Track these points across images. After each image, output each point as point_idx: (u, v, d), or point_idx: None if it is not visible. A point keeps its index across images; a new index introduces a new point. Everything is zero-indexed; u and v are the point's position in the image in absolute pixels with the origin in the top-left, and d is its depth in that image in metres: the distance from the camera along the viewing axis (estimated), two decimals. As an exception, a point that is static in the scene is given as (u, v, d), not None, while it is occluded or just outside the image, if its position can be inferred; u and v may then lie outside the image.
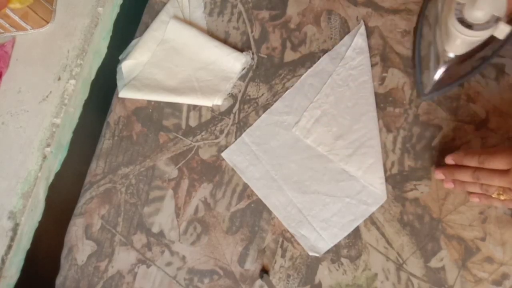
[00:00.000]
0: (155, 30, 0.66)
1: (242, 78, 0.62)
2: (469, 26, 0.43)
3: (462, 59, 0.49)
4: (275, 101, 0.60)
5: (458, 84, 0.54)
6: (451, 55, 0.49)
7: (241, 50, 0.63)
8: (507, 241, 0.50)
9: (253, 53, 0.63)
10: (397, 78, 0.57)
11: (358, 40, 0.59)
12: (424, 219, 0.52)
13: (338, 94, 0.58)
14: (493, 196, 0.46)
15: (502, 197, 0.45)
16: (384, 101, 0.57)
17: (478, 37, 0.44)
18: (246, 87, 0.62)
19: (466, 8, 0.43)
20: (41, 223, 0.58)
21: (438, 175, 0.52)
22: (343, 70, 0.59)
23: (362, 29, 0.59)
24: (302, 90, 0.60)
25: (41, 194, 0.58)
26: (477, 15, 0.43)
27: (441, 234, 0.51)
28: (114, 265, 0.59)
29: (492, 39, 0.46)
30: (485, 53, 0.51)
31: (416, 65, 0.56)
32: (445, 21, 0.47)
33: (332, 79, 0.59)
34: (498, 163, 0.44)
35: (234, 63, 0.62)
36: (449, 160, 0.50)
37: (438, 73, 0.51)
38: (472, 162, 0.47)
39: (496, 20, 0.42)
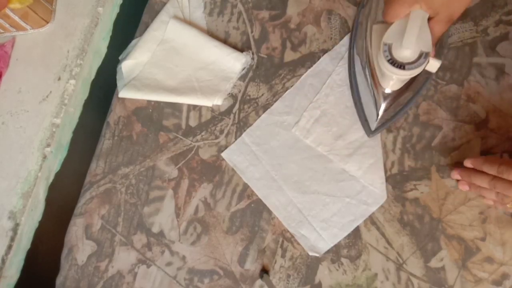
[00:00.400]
0: (155, 30, 0.66)
1: (242, 78, 0.62)
2: (400, 66, 0.43)
3: (400, 91, 0.50)
4: (275, 101, 0.60)
5: (403, 113, 0.55)
6: (388, 91, 0.50)
7: (241, 50, 0.63)
8: (507, 241, 0.50)
9: (253, 53, 0.63)
10: (397, 78, 0.57)
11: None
12: (424, 219, 0.52)
13: (338, 94, 0.58)
14: (508, 206, 0.46)
15: None
16: (384, 101, 0.57)
17: (411, 75, 0.44)
18: (246, 87, 0.62)
19: (394, 48, 0.43)
20: (41, 223, 0.58)
21: (455, 175, 0.51)
22: (342, 70, 0.59)
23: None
24: (302, 90, 0.60)
25: (41, 194, 0.58)
26: (405, 54, 0.43)
27: (441, 234, 0.51)
28: (114, 265, 0.59)
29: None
30: (421, 81, 0.52)
31: (356, 103, 0.56)
32: (377, 61, 0.47)
33: (332, 79, 0.59)
34: None
35: (234, 63, 0.62)
36: (468, 163, 0.50)
37: (381, 110, 0.51)
38: (491, 170, 0.46)
39: (426, 55, 0.42)
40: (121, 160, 0.63)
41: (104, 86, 0.66)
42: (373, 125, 0.54)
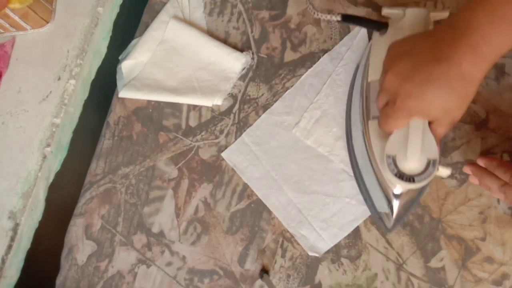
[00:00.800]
0: (155, 30, 0.66)
1: (242, 78, 0.62)
2: (409, 179, 0.39)
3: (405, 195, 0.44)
4: (275, 101, 0.60)
5: (417, 205, 0.52)
6: (398, 191, 0.44)
7: (241, 50, 0.63)
8: (507, 241, 0.50)
9: (253, 53, 0.63)
10: (397, 78, 0.57)
11: (359, 41, 0.59)
12: (424, 219, 0.52)
13: (338, 95, 0.58)
14: None
15: None
16: (384, 101, 0.57)
17: (422, 185, 0.39)
18: (246, 87, 0.62)
19: (399, 160, 0.39)
20: (41, 223, 0.58)
21: (467, 170, 0.50)
22: (342, 71, 0.59)
23: (363, 30, 0.59)
24: (302, 90, 0.60)
25: (41, 194, 0.58)
26: (412, 166, 0.39)
27: (441, 234, 0.51)
28: (114, 265, 0.59)
29: None
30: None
31: (366, 201, 0.52)
32: (382, 176, 0.43)
33: (332, 79, 0.59)
34: None
35: (234, 63, 0.62)
36: (481, 162, 0.49)
37: (395, 211, 0.45)
38: (504, 176, 0.45)
39: (434, 163, 0.39)
40: (121, 160, 0.63)
41: (104, 86, 0.66)
42: (389, 224, 0.48)
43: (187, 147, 0.61)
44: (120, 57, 0.68)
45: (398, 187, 0.42)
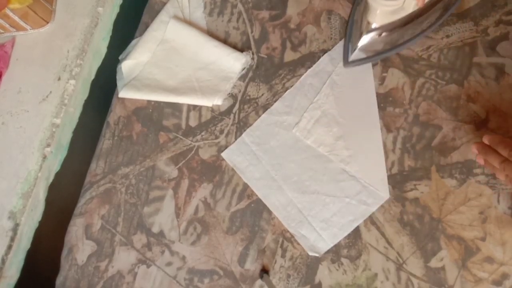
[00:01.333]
0: (155, 30, 0.66)
1: (242, 78, 0.62)
2: None
3: (382, 31, 0.53)
4: (275, 101, 0.60)
5: (379, 59, 0.57)
6: (373, 26, 0.52)
7: (241, 50, 0.63)
8: (507, 241, 0.50)
9: (253, 53, 0.63)
10: (397, 78, 0.57)
11: None
12: (424, 219, 0.52)
13: (338, 94, 0.58)
14: None
15: None
16: (384, 101, 0.57)
17: (392, 6, 0.47)
18: (246, 87, 0.62)
19: None
20: (41, 223, 0.58)
21: (474, 149, 0.51)
22: (342, 71, 0.59)
23: None
24: (302, 90, 0.60)
25: (41, 194, 0.58)
26: None
27: (441, 234, 0.51)
28: (114, 265, 0.59)
29: (411, 18, 0.51)
30: (404, 32, 0.54)
31: (346, 33, 0.59)
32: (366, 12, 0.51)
33: (332, 79, 0.59)
34: None
35: (234, 63, 0.62)
36: (485, 140, 0.50)
37: (361, 42, 0.54)
38: (504, 152, 0.47)
39: None
40: (121, 160, 0.63)
41: (104, 86, 0.66)
42: (350, 57, 0.56)
43: (187, 147, 0.61)
44: (120, 57, 0.68)
45: (373, 9, 0.49)
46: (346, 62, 0.57)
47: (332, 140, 0.57)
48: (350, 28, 0.58)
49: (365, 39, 0.53)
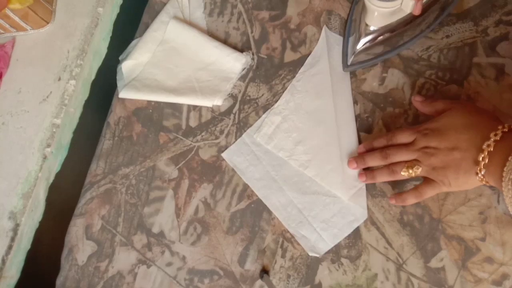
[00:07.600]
0: (155, 31, 0.66)
1: (242, 78, 0.62)
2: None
3: (380, 34, 0.53)
4: (275, 101, 0.60)
5: (378, 61, 0.57)
6: (372, 28, 0.52)
7: (241, 50, 0.63)
8: (507, 241, 0.50)
9: (253, 54, 0.63)
10: (397, 78, 0.57)
11: (318, 47, 0.60)
12: (424, 219, 0.52)
13: (298, 100, 0.58)
14: (402, 173, 0.49)
15: (409, 171, 0.48)
16: (384, 101, 0.57)
17: (388, 8, 0.47)
18: (246, 87, 0.62)
19: None
20: (41, 223, 0.58)
21: (352, 165, 0.53)
22: (302, 77, 0.59)
23: (323, 35, 0.60)
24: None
25: (41, 194, 0.58)
26: None
27: (441, 234, 0.51)
28: (115, 266, 0.59)
29: (409, 20, 0.51)
30: (403, 33, 0.54)
31: (345, 35, 0.58)
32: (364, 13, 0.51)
33: (292, 85, 0.59)
34: (403, 138, 0.50)
35: (234, 63, 0.62)
36: (361, 148, 0.54)
37: (359, 45, 0.54)
38: (382, 142, 0.51)
39: None
40: (121, 161, 0.63)
41: (104, 86, 0.66)
42: (349, 60, 0.56)
43: (187, 148, 0.61)
44: (120, 58, 0.68)
45: (371, 11, 0.49)
46: (346, 65, 0.57)
47: (292, 145, 0.57)
48: (348, 31, 0.57)
49: (363, 42, 0.53)
